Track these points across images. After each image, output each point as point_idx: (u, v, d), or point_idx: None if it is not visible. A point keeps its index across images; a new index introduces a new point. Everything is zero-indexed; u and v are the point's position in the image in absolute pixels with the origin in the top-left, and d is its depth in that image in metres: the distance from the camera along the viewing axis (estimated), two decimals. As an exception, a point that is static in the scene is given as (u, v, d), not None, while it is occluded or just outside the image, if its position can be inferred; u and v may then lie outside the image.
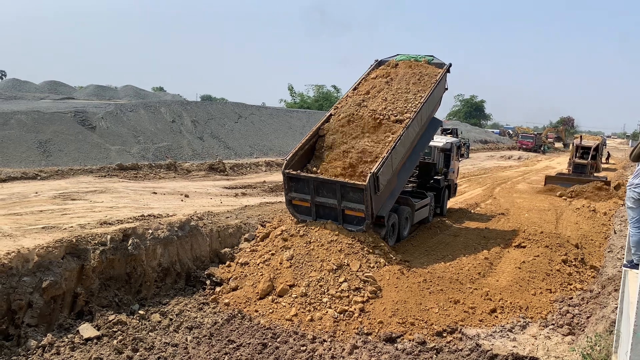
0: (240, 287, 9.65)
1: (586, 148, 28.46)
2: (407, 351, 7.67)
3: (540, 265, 11.01)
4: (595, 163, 28.82)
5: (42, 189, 14.33)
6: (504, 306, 9.17)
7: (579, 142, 29.16)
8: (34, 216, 10.85)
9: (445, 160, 17.13)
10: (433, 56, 14.63)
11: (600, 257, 12.47)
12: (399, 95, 13.08)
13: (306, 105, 60.57)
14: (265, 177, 22.44)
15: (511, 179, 30.07)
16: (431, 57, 14.59)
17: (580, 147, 28.59)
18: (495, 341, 8.06)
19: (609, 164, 46.77)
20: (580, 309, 9.24)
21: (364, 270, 9.74)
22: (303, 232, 10.83)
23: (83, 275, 8.27)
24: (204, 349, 7.60)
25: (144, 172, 20.04)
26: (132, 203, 13.54)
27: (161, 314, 8.60)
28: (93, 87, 57.55)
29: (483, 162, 40.66)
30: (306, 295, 9.07)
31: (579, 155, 28.30)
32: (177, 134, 29.65)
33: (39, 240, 8.43)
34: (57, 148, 22.41)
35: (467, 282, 10.10)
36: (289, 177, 11.62)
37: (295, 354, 7.50)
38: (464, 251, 12.32)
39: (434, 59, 14.52)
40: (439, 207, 16.68)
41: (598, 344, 6.75)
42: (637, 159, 6.05)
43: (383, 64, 14.78)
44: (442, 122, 15.24)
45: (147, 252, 9.33)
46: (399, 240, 13.11)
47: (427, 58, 14.55)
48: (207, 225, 11.13)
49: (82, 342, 7.46)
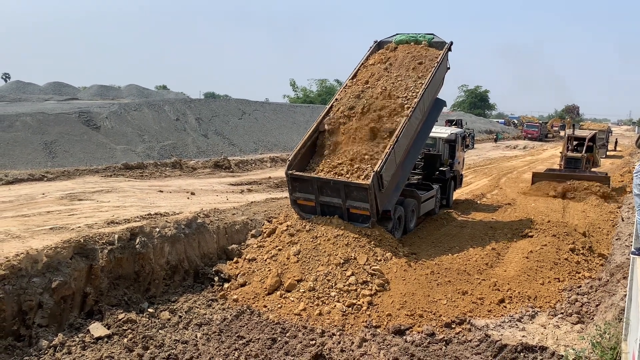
0: (248, 283, 9.68)
1: (580, 139, 24.54)
2: (416, 343, 7.69)
3: (548, 255, 10.99)
4: (592, 156, 24.44)
5: (49, 190, 14.40)
6: (513, 296, 9.16)
7: (571, 132, 25.15)
8: (42, 217, 10.91)
9: (450, 152, 17.07)
10: (433, 34, 14.24)
11: (609, 245, 12.42)
12: (399, 83, 12.79)
13: (309, 100, 60.54)
14: (270, 172, 22.45)
15: (517, 168, 29.97)
16: (431, 36, 14.20)
17: (573, 138, 24.56)
18: (504, 331, 8.06)
19: (616, 151, 46.63)
20: (589, 298, 9.22)
21: (371, 264, 9.74)
22: (309, 227, 10.82)
23: (92, 275, 8.31)
24: (214, 345, 7.63)
25: (149, 170, 20.12)
26: (138, 202, 13.59)
27: (170, 312, 8.64)
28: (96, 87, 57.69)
29: (488, 153, 40.52)
30: (314, 289, 9.09)
31: (572, 147, 24.08)
32: (182, 132, 29.72)
33: (47, 241, 8.49)
34: (63, 149, 22.52)
35: (474, 273, 10.09)
36: (292, 178, 11.52)
37: (305, 348, 7.53)
38: (471, 242, 12.29)
39: (435, 38, 14.15)
40: (445, 198, 16.64)
41: (607, 332, 6.73)
42: (644, 146, 5.99)
43: (382, 45, 14.44)
44: (445, 102, 14.62)
45: (154, 250, 9.36)
46: (405, 232, 13.08)
47: (427, 37, 14.14)
48: (214, 222, 11.16)
49: (92, 341, 7.51)
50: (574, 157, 23.06)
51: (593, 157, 24.44)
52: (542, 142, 57.86)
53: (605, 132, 43.80)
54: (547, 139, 60.10)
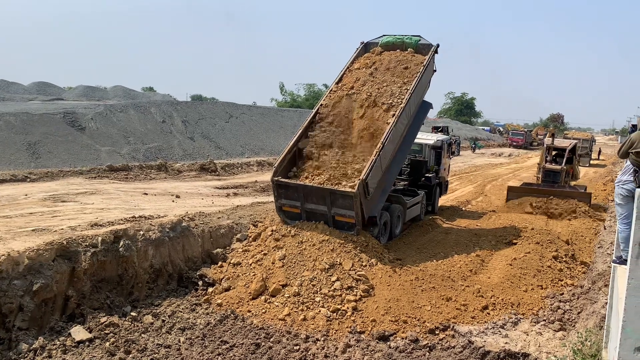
0: (232, 287, 9.63)
1: (560, 149, 22.08)
2: (400, 349, 7.71)
3: (531, 262, 11.08)
4: (572, 168, 22.30)
5: (31, 191, 14.23)
6: (496, 303, 9.22)
7: (550, 142, 22.34)
8: (24, 219, 10.77)
9: (436, 158, 17.20)
10: (420, 36, 14.23)
11: (591, 253, 12.57)
12: (384, 89, 12.73)
13: (297, 104, 60.56)
14: (256, 176, 22.40)
15: (502, 176, 30.22)
16: (418, 38, 14.18)
17: (552, 149, 22.06)
18: (487, 338, 8.10)
19: (599, 160, 47.30)
20: (571, 305, 9.31)
21: (356, 269, 9.74)
22: (294, 232, 10.80)
23: (74, 278, 8.22)
24: (197, 350, 7.58)
25: (134, 173, 19.97)
26: (122, 204, 13.47)
27: (153, 316, 8.56)
28: (82, 87, 57.10)
29: (474, 160, 40.83)
30: (299, 294, 9.07)
31: (550, 158, 21.86)
32: (168, 134, 29.54)
33: (30, 243, 8.38)
34: (47, 150, 22.25)
35: (459, 280, 10.14)
36: (278, 185, 11.47)
37: (289, 354, 7.51)
38: (456, 248, 12.35)
39: (421, 40, 14.13)
40: (431, 204, 16.73)
41: (588, 339, 6.82)
42: (625, 156, 6.10)
43: (369, 46, 14.39)
44: (431, 104, 14.47)
45: (138, 253, 9.29)
46: (391, 238, 13.12)
47: (414, 39, 14.14)
48: (199, 225, 11.09)
49: (74, 344, 7.42)
50: (553, 169, 21.13)
51: (573, 170, 22.51)
52: (527, 149, 58.47)
53: (589, 141, 44.37)
54: (532, 147, 60.74)
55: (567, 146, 22.07)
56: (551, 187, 18.91)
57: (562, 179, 20.73)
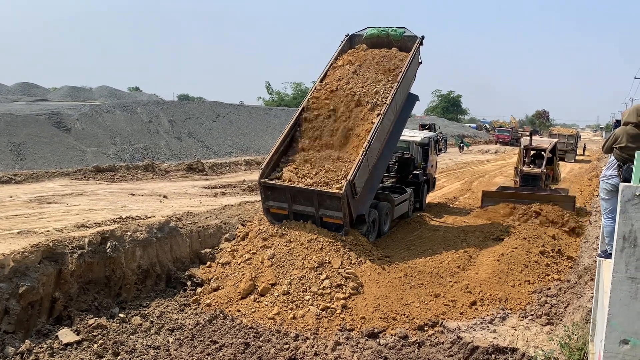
0: (221, 287, 9.60)
1: (539, 150, 19.81)
2: (390, 346, 7.73)
3: (518, 257, 11.17)
4: (552, 170, 19.85)
5: (16, 193, 14.07)
6: (484, 298, 9.28)
7: (527, 142, 19.86)
8: (9, 221, 10.65)
9: (423, 155, 17.28)
10: (405, 28, 14.09)
11: (577, 247, 12.70)
12: (369, 87, 12.57)
13: (284, 103, 60.50)
14: (244, 176, 22.34)
15: (488, 172, 30.45)
16: (403, 30, 14.04)
17: (530, 149, 19.72)
18: (476, 333, 8.16)
19: (584, 156, 47.85)
20: (558, 299, 9.40)
21: (345, 267, 9.76)
22: (282, 231, 10.77)
23: (61, 280, 8.14)
24: (186, 350, 7.55)
25: (121, 173, 19.82)
26: (109, 205, 13.37)
27: (142, 317, 8.51)
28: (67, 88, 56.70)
29: (461, 157, 41.02)
30: (288, 293, 9.07)
31: (528, 160, 19.61)
32: (154, 134, 29.37)
33: (15, 245, 8.29)
34: (32, 151, 22.02)
35: (447, 276, 10.20)
36: (265, 186, 11.37)
37: (279, 353, 7.50)
38: (444, 245, 12.43)
39: (406, 32, 13.99)
40: (419, 201, 16.81)
41: (575, 333, 6.88)
42: (609, 151, 6.17)
43: (354, 39, 14.21)
44: (417, 96, 14.18)
45: (126, 254, 9.22)
46: (379, 236, 13.16)
47: (399, 31, 14.01)
48: (187, 226, 11.04)
49: (61, 347, 7.35)
50: (532, 173, 18.57)
51: (553, 171, 20.08)
52: (514, 146, 58.89)
53: (574, 136, 44.84)
54: (518, 144, 61.15)
55: (546, 147, 19.67)
56: (530, 191, 17.00)
57: (542, 183, 18.39)
